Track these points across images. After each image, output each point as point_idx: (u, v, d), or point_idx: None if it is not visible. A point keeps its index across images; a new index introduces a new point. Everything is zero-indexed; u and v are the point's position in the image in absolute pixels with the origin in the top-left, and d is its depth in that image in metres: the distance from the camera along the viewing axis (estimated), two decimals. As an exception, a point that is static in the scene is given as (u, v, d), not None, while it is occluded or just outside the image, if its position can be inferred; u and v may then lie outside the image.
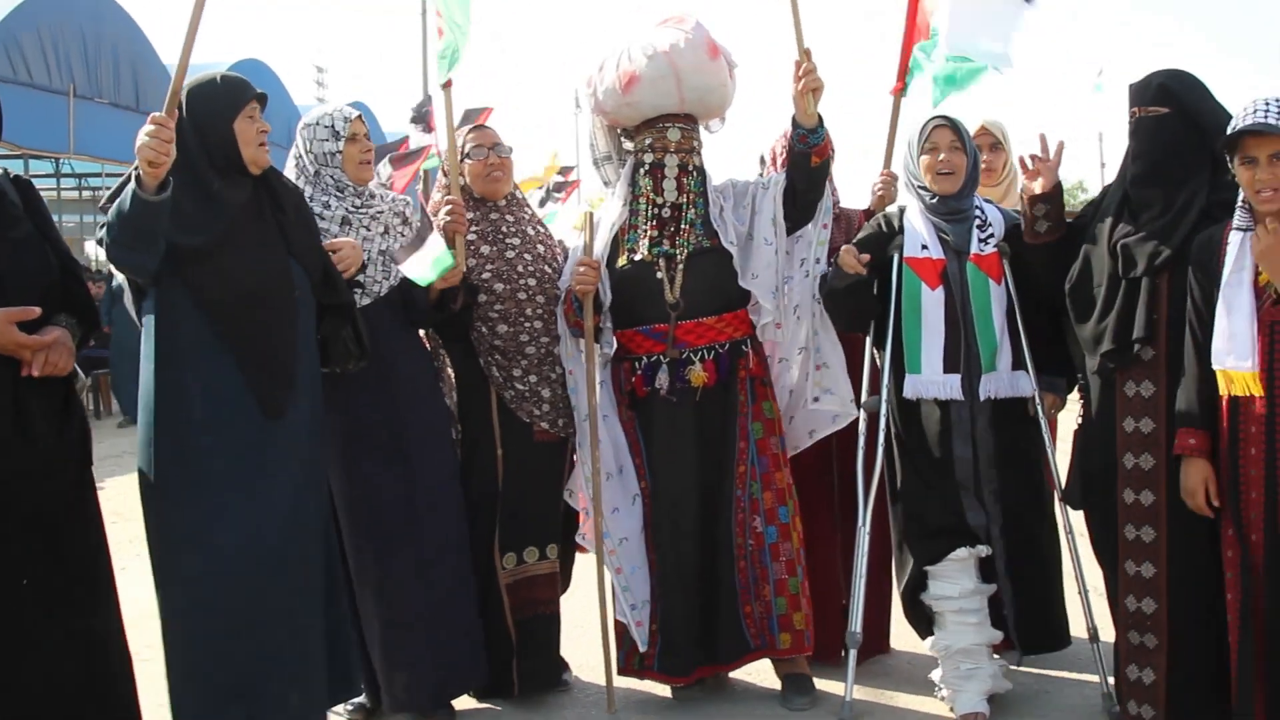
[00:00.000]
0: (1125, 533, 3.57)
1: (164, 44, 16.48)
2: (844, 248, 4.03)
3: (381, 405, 3.88)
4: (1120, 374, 3.58)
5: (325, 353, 3.60)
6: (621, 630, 4.16)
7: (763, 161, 4.62)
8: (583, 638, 4.49)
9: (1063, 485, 3.95)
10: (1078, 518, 3.91)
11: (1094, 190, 41.21)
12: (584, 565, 4.31)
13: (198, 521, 3.28)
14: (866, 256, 3.99)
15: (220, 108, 3.36)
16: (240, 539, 3.29)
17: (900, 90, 4.47)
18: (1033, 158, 3.83)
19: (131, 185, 3.08)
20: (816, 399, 4.20)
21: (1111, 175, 3.83)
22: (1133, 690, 3.59)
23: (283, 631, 3.35)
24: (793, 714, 4.10)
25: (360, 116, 4.02)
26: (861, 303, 4.10)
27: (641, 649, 4.08)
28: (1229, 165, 3.29)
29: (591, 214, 4.14)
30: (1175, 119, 3.54)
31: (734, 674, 4.34)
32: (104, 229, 3.20)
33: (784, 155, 4.51)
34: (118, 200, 3.13)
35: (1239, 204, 3.28)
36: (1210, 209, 3.45)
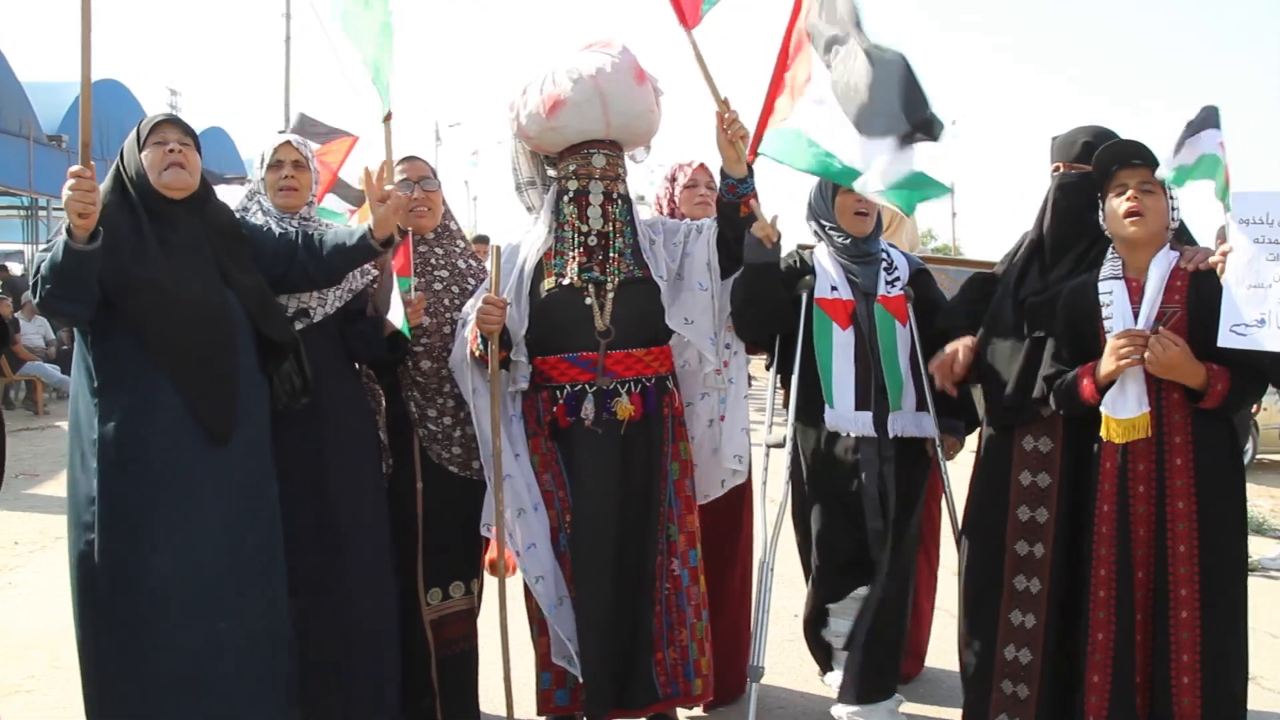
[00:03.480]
0: (1015, 583, 3.61)
1: (20, 61, 15.95)
2: (758, 222, 3.94)
3: (306, 437, 3.74)
4: (1018, 429, 3.65)
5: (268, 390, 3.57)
6: (541, 668, 4.04)
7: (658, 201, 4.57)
8: (486, 669, 4.34)
9: (959, 525, 3.99)
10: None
11: (943, 238, 42.33)
12: (489, 601, 4.21)
13: (133, 545, 3.21)
14: (779, 233, 3.94)
15: (132, 144, 3.42)
16: (176, 564, 3.22)
17: (753, 159, 4.11)
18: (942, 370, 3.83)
19: (63, 236, 3.07)
20: (715, 450, 4.12)
21: (962, 226, 3.94)
22: None
23: (223, 664, 3.28)
24: None
25: (289, 143, 3.93)
26: (771, 295, 4.04)
27: (569, 680, 3.97)
28: (1100, 207, 3.45)
29: (499, 247, 3.97)
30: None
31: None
32: (37, 280, 3.19)
33: (668, 202, 4.52)
34: (50, 252, 3.13)
35: (1108, 254, 3.45)
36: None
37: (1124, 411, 3.31)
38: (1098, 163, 3.45)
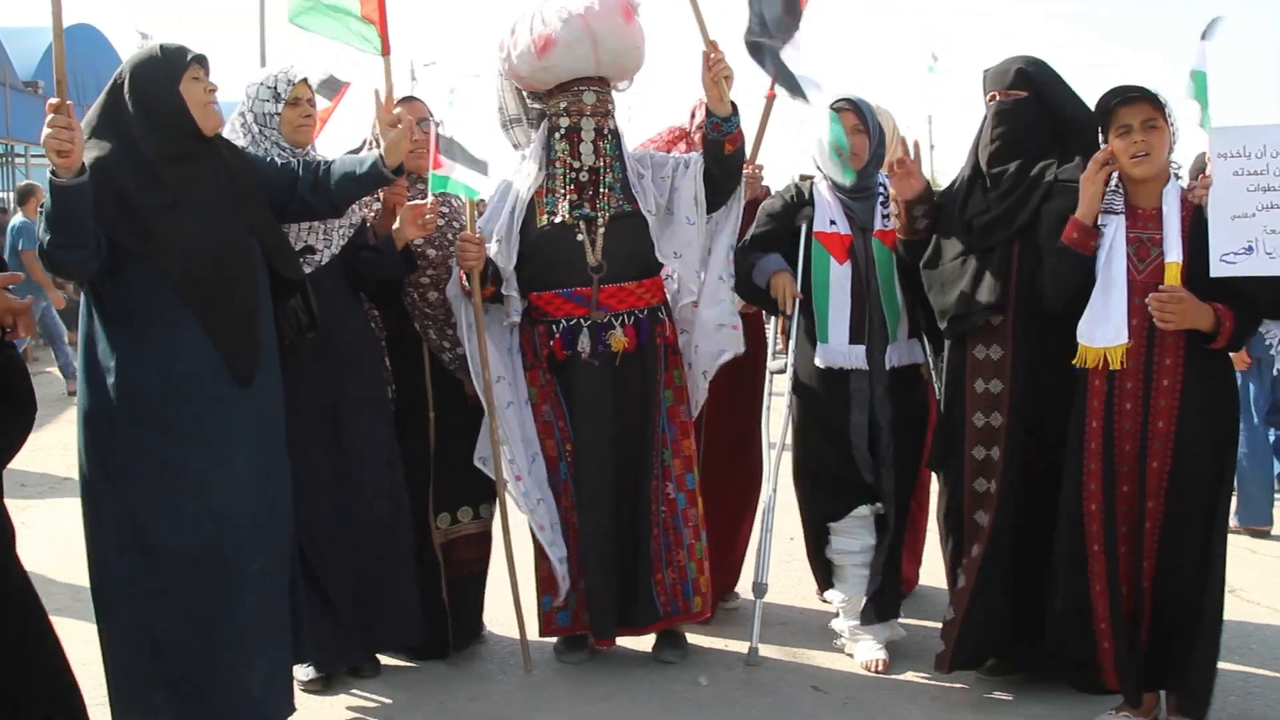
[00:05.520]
0: (975, 485, 3.83)
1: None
2: (784, 282, 4.13)
3: (318, 374, 3.84)
4: (970, 339, 3.82)
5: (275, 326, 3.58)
6: (543, 591, 4.22)
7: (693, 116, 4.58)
8: (494, 593, 4.49)
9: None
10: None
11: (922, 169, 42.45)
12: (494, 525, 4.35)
13: (158, 491, 3.24)
14: (798, 294, 4.14)
15: (163, 75, 3.31)
16: (202, 507, 3.26)
17: (773, 96, 4.48)
18: (899, 163, 3.90)
19: (49, 179, 3.02)
20: (721, 324, 4.22)
21: (940, 158, 4.05)
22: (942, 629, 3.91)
23: (251, 604, 3.34)
24: (669, 666, 4.24)
25: (305, 80, 3.94)
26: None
27: (559, 600, 4.16)
28: (1101, 142, 3.55)
29: None
30: (1032, 101, 3.77)
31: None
32: (40, 243, 3.15)
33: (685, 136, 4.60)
34: (44, 206, 3.09)
35: (1110, 187, 3.53)
36: (1055, 183, 3.69)
37: (1102, 340, 3.45)
38: (1100, 102, 3.52)
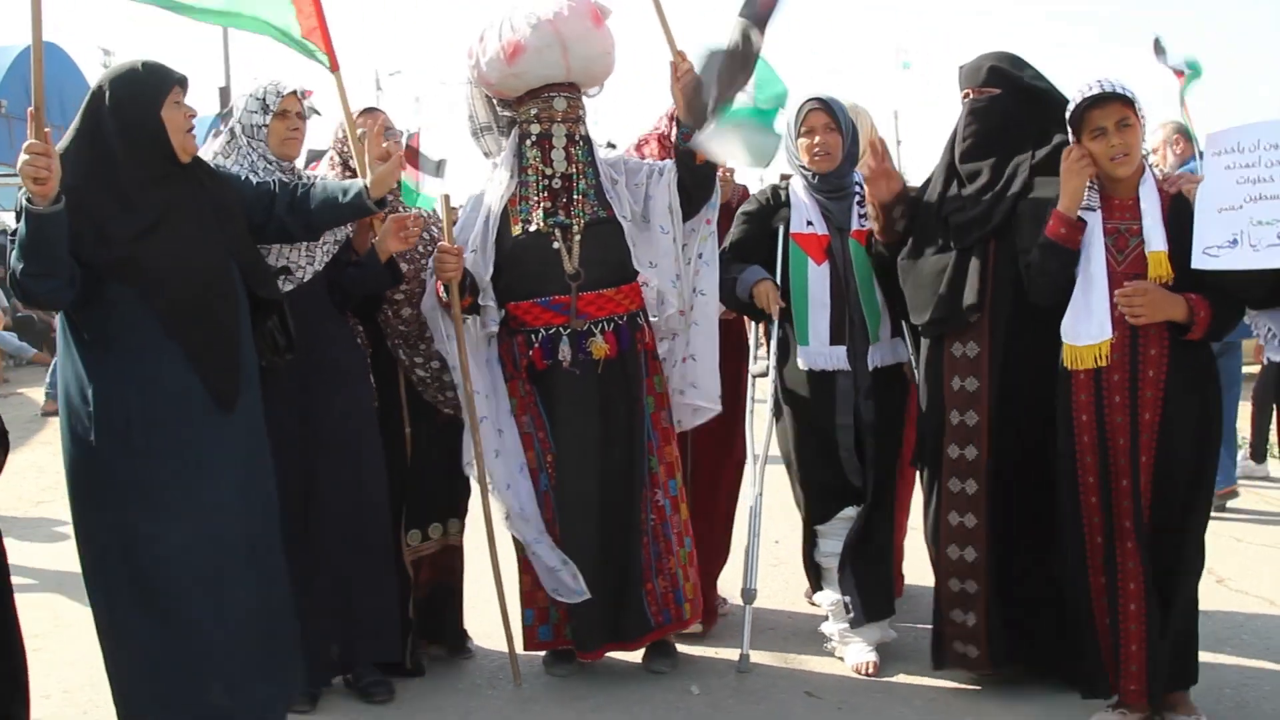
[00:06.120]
0: (950, 486, 3.82)
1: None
2: (766, 289, 4.10)
3: (297, 393, 3.78)
4: (947, 336, 3.81)
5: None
6: (525, 605, 4.17)
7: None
8: (482, 608, 4.47)
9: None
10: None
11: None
12: (479, 538, 4.29)
13: (145, 520, 3.20)
14: (781, 303, 4.11)
15: (145, 96, 3.26)
16: (190, 534, 3.22)
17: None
18: (871, 169, 3.86)
19: (24, 206, 2.97)
20: (682, 391, 4.23)
21: (906, 152, 4.03)
22: (957, 631, 3.88)
23: (242, 629, 3.31)
24: (660, 676, 4.19)
25: (295, 93, 3.87)
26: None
27: (553, 615, 4.11)
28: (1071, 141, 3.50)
29: (448, 195, 4.03)
30: (1006, 97, 3.76)
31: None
32: (11, 273, 3.10)
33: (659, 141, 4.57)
34: (18, 235, 3.04)
35: (1087, 185, 3.50)
36: (1033, 175, 3.68)
37: (1086, 337, 3.44)
38: (1070, 111, 3.49)
